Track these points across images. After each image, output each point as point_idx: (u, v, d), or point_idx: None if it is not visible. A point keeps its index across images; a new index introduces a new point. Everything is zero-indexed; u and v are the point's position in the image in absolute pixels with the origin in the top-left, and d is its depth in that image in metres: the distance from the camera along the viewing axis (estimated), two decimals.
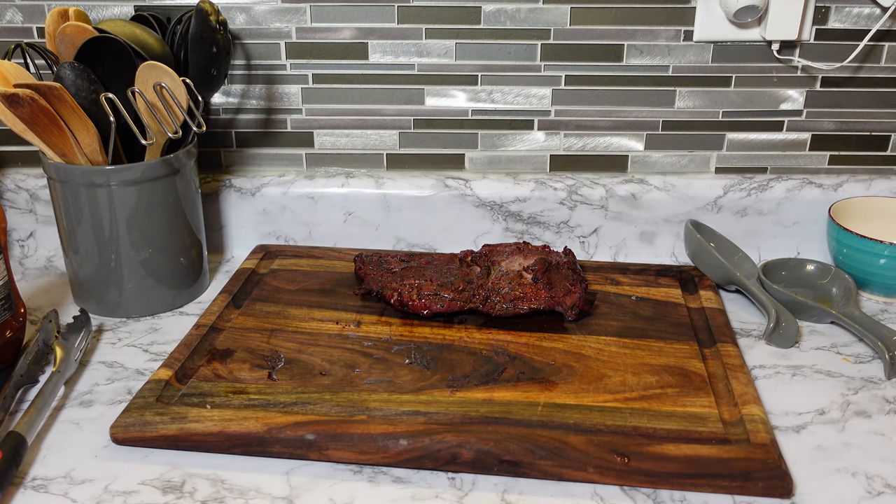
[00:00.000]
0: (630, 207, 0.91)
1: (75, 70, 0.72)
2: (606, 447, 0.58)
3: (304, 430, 0.60)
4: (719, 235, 0.88)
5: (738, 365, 0.68)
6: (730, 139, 0.91)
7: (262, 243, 0.94)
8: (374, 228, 0.94)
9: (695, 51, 0.87)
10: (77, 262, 0.79)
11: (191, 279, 0.84)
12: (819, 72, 0.88)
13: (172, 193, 0.79)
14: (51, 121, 0.71)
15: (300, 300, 0.81)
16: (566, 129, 0.92)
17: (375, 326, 0.76)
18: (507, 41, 0.88)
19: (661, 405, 0.64)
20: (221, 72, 0.81)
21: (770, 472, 0.56)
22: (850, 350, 0.74)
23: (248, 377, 0.68)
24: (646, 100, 0.90)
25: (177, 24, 0.82)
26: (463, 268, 0.82)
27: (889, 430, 0.63)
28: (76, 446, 0.62)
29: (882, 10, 0.84)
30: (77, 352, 0.72)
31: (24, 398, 0.67)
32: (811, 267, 0.84)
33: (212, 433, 0.60)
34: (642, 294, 0.82)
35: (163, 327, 0.79)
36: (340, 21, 0.88)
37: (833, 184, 0.90)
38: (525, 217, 0.92)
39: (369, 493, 0.57)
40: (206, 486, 0.57)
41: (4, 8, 0.89)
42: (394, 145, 0.93)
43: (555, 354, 0.71)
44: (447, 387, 0.66)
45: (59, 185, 0.76)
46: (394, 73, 0.90)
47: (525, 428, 0.61)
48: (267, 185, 0.93)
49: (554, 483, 0.58)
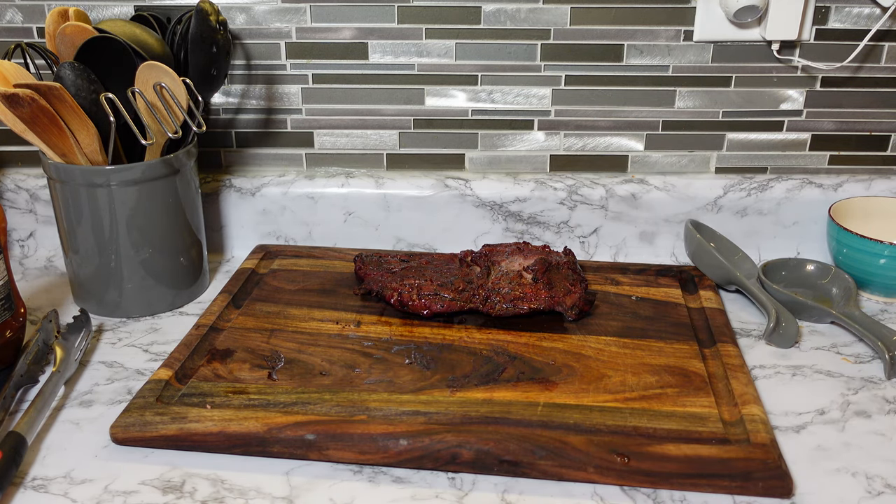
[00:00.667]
0: (630, 207, 0.91)
1: (75, 70, 0.72)
2: (606, 447, 0.58)
3: (304, 430, 0.60)
4: (719, 235, 0.88)
5: (738, 365, 0.68)
6: (730, 139, 0.91)
7: (262, 243, 0.94)
8: (374, 228, 0.94)
9: (695, 51, 0.87)
10: (77, 262, 0.79)
11: (191, 279, 0.84)
12: (819, 72, 0.88)
13: (172, 193, 0.79)
14: (51, 121, 0.71)
15: (300, 300, 0.81)
16: (566, 129, 0.92)
17: (375, 326, 0.76)
18: (507, 41, 0.88)
19: (661, 405, 0.64)
20: (221, 72, 0.81)
21: (770, 472, 0.56)
22: (850, 350, 0.74)
23: (248, 377, 0.68)
24: (646, 100, 0.90)
25: (177, 24, 0.82)
26: (463, 268, 0.82)
27: (889, 430, 0.63)
28: (76, 446, 0.62)
29: (882, 10, 0.84)
30: (77, 352, 0.72)
31: (24, 398, 0.67)
32: (811, 267, 0.84)
33: (212, 433, 0.60)
34: (642, 294, 0.82)
35: (163, 327, 0.79)
36: (340, 21, 0.88)
37: (833, 184, 0.90)
38: (525, 217, 0.92)
39: (369, 493, 0.57)
40: (206, 486, 0.57)
41: (4, 8, 0.89)
42: (394, 145, 0.93)
43: (555, 354, 0.71)
44: (447, 387, 0.66)
45: (59, 185, 0.76)
46: (394, 73, 0.90)
47: (525, 428, 0.61)
48: (267, 185, 0.93)
49: (554, 483, 0.58)
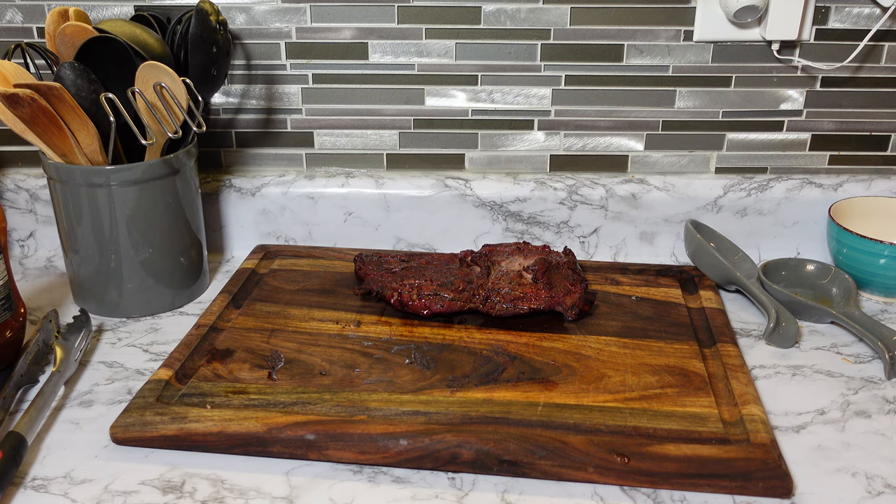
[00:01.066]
0: (630, 207, 0.91)
1: (75, 70, 0.72)
2: (606, 447, 0.58)
3: (304, 430, 0.60)
4: (719, 235, 0.88)
5: (738, 365, 0.68)
6: (730, 139, 0.91)
7: (262, 243, 0.94)
8: (374, 228, 0.94)
9: (695, 51, 0.87)
10: (77, 262, 0.79)
11: (191, 279, 0.84)
12: (819, 72, 0.88)
13: (172, 193, 0.79)
14: (51, 121, 0.71)
15: (300, 300, 0.81)
16: (566, 129, 0.92)
17: (375, 326, 0.76)
18: (507, 41, 0.88)
19: (661, 405, 0.64)
20: (221, 72, 0.81)
21: (770, 472, 0.56)
22: (850, 350, 0.74)
23: (248, 377, 0.68)
24: (646, 100, 0.90)
25: (177, 24, 0.82)
26: (463, 268, 0.82)
27: (889, 430, 0.63)
28: (76, 446, 0.62)
29: (882, 10, 0.84)
30: (77, 352, 0.72)
31: (24, 398, 0.67)
32: (811, 267, 0.84)
33: (212, 433, 0.60)
34: (642, 294, 0.82)
35: (163, 327, 0.79)
36: (340, 21, 0.88)
37: (833, 184, 0.90)
38: (525, 217, 0.92)
39: (369, 493, 0.57)
40: (206, 486, 0.57)
41: (4, 8, 0.89)
42: (394, 145, 0.93)
43: (555, 354, 0.71)
44: (447, 387, 0.66)
45: (59, 185, 0.76)
46: (394, 73, 0.90)
47: (525, 428, 0.61)
48: (267, 185, 0.93)
49: (554, 483, 0.58)
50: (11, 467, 0.56)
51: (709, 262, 0.83)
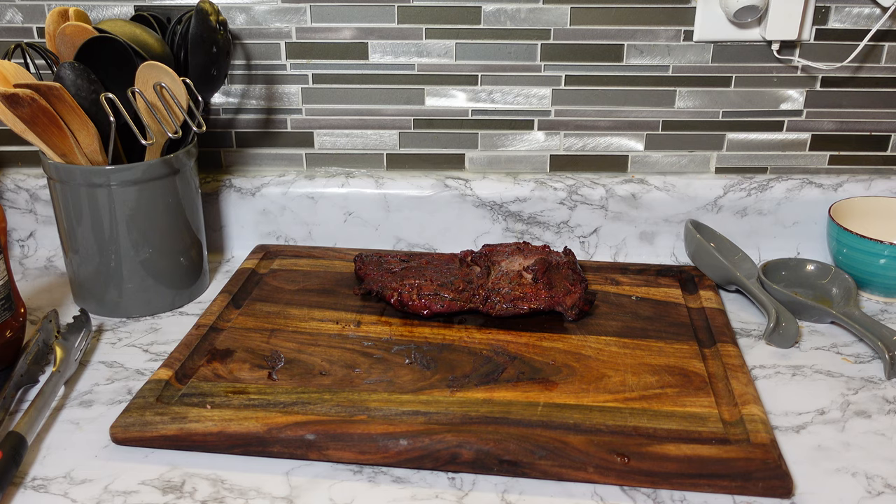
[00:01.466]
0: (630, 207, 0.91)
1: (75, 70, 0.72)
2: (606, 447, 0.58)
3: (304, 430, 0.60)
4: (719, 235, 0.88)
5: (738, 365, 0.68)
6: (730, 139, 0.91)
7: (262, 243, 0.94)
8: (374, 228, 0.94)
9: (695, 51, 0.87)
10: (77, 262, 0.79)
11: (191, 279, 0.84)
12: (819, 72, 0.88)
13: (172, 193, 0.79)
14: (51, 121, 0.71)
15: (300, 300, 0.81)
16: (566, 129, 0.92)
17: (375, 326, 0.76)
18: (507, 41, 0.88)
19: (661, 405, 0.64)
20: (221, 72, 0.81)
21: (770, 472, 0.56)
22: (850, 350, 0.74)
23: (248, 377, 0.68)
24: (646, 100, 0.90)
25: (177, 24, 0.82)
26: (463, 268, 0.82)
27: (889, 430, 0.63)
28: (76, 446, 0.62)
29: (882, 10, 0.84)
30: (77, 352, 0.72)
31: (24, 398, 0.67)
32: (811, 267, 0.84)
33: (212, 433, 0.60)
34: (642, 294, 0.82)
35: (163, 327, 0.79)
36: (340, 21, 0.88)
37: (833, 184, 0.90)
38: (525, 217, 0.92)
39: (369, 493, 0.57)
40: (206, 486, 0.57)
41: (4, 8, 0.89)
42: (394, 145, 0.93)
43: (555, 354, 0.71)
44: (447, 387, 0.66)
45: (59, 185, 0.76)
46: (394, 73, 0.90)
47: (525, 428, 0.61)
48: (267, 185, 0.93)
49: (554, 483, 0.58)
50: (11, 467, 0.56)
51: (709, 262, 0.83)
